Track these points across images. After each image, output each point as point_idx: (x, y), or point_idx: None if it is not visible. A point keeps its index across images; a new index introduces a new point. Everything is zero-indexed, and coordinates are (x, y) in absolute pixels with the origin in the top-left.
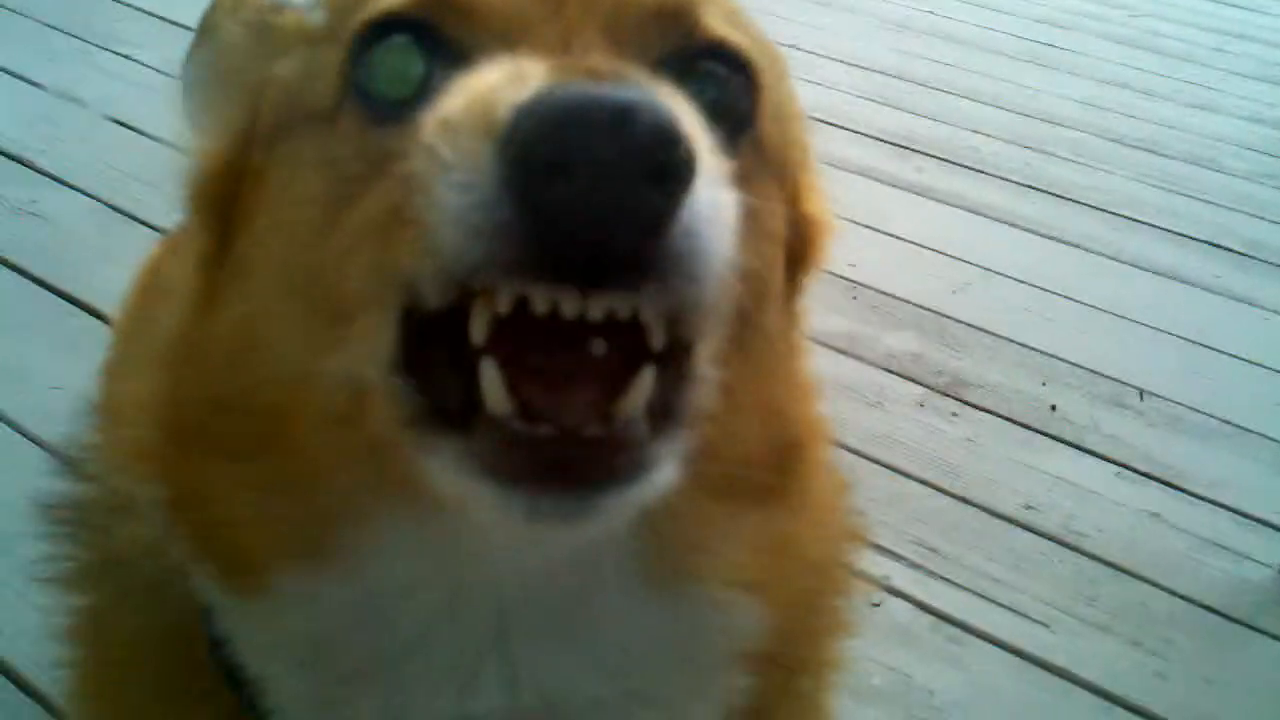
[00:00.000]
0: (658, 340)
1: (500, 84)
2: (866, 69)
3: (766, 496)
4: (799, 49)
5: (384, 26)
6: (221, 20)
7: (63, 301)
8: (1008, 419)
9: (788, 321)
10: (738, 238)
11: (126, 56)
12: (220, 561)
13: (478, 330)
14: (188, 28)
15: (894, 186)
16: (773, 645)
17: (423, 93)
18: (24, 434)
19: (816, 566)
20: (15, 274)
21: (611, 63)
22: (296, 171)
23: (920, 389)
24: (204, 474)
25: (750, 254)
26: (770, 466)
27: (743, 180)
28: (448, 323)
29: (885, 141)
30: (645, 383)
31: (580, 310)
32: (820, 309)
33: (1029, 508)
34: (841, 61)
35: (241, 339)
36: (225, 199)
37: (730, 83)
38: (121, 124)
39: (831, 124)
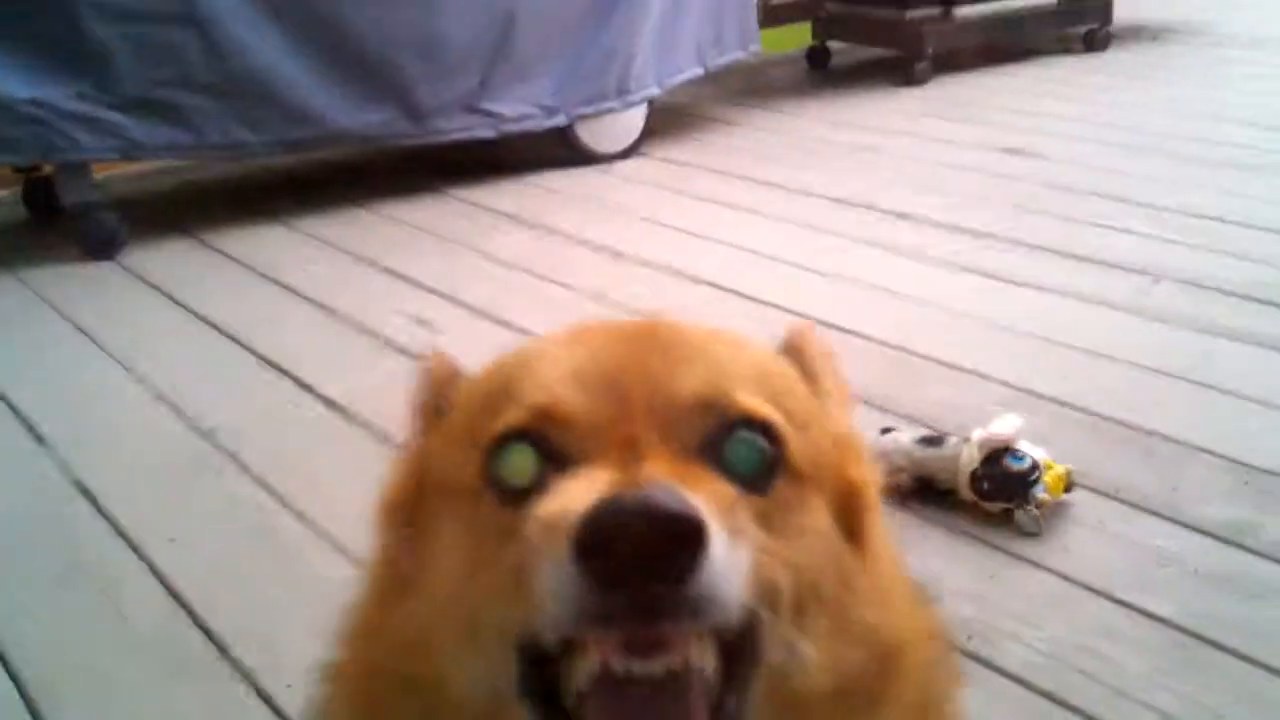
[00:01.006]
0: (709, 671)
1: (575, 495)
2: None
3: (876, 698)
4: (1223, 221)
5: (509, 436)
6: (423, 381)
7: None
8: None
9: (862, 564)
10: (760, 555)
11: (566, 285)
12: None
13: (581, 679)
14: (618, 252)
15: None
16: None
17: (539, 483)
18: None
19: None
20: None
21: (649, 470)
22: (452, 528)
23: None
24: None
25: (798, 552)
26: (874, 674)
27: (782, 503)
28: (556, 669)
29: None
30: None
31: (646, 670)
32: (1205, 495)
33: None
34: (1268, 230)
35: (412, 635)
36: (404, 520)
37: (757, 441)
38: None
39: (1254, 299)
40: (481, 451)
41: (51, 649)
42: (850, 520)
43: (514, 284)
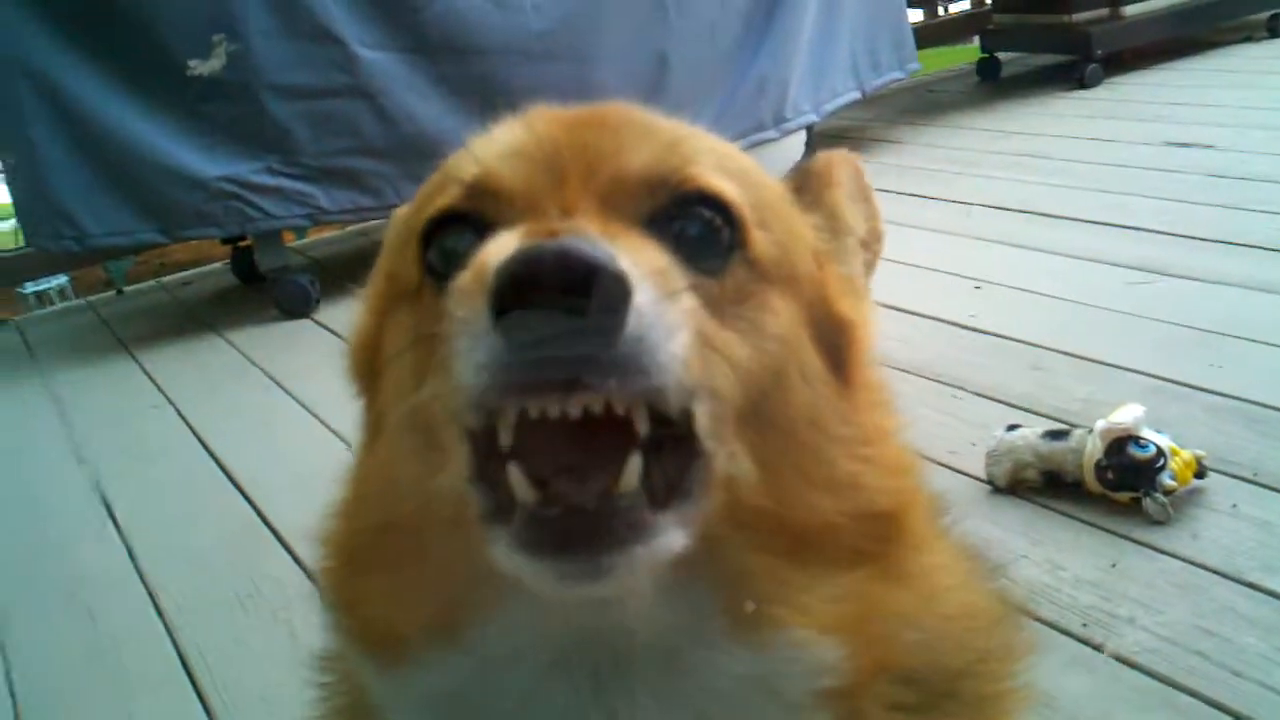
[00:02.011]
0: (642, 427)
1: (491, 255)
2: None
3: (859, 560)
4: None
5: (443, 218)
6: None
7: None
8: None
9: (845, 407)
10: (701, 338)
11: None
12: (374, 645)
13: (504, 437)
14: None
15: None
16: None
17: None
18: None
19: (932, 637)
20: None
21: (568, 223)
22: (398, 338)
23: None
24: (364, 584)
25: (748, 351)
26: (860, 534)
27: (734, 292)
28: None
29: None
30: (633, 468)
31: (561, 411)
32: None
33: None
34: None
35: (386, 474)
36: (368, 365)
37: (712, 220)
38: None
39: None
40: (418, 239)
41: (232, 665)
42: (836, 357)
43: None
